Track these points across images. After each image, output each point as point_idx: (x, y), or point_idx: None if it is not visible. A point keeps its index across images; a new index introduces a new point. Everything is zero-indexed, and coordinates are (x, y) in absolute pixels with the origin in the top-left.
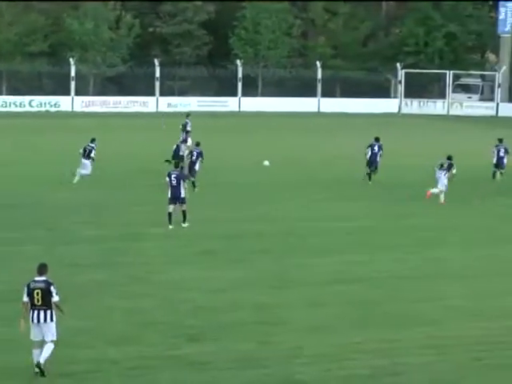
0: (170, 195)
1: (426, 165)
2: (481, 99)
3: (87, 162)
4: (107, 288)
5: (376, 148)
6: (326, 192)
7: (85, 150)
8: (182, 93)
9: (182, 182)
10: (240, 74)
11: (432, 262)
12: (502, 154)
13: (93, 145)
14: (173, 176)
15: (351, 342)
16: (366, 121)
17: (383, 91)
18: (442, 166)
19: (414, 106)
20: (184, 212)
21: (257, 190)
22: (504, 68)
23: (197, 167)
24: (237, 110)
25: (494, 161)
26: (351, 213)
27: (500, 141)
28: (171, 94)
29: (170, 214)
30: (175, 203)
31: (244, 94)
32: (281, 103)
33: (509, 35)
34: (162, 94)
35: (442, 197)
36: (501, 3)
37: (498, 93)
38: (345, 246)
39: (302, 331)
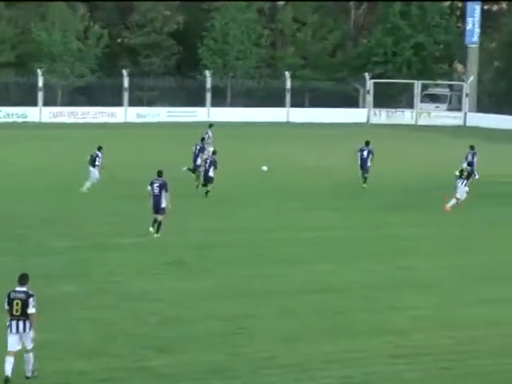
0: (151, 204)
1: (396, 173)
2: (449, 109)
3: (93, 169)
4: (76, 300)
5: (365, 153)
6: (299, 201)
7: (91, 158)
8: (151, 103)
9: (164, 191)
10: (209, 85)
11: (402, 271)
12: (470, 158)
13: (99, 152)
14: (155, 185)
15: (321, 352)
16: (335, 131)
17: (352, 101)
18: (461, 173)
19: (383, 116)
20: (159, 223)
21: (230, 199)
22: (471, 78)
23: (211, 174)
24: (206, 120)
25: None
26: (324, 222)
27: (472, 148)
28: (140, 104)
29: (155, 220)
30: (156, 213)
31: (213, 105)
32: (250, 113)
33: (476, 45)
34: (130, 104)
35: (451, 203)
36: (468, 14)
37: (466, 103)
38: (316, 255)
39: (272, 341)
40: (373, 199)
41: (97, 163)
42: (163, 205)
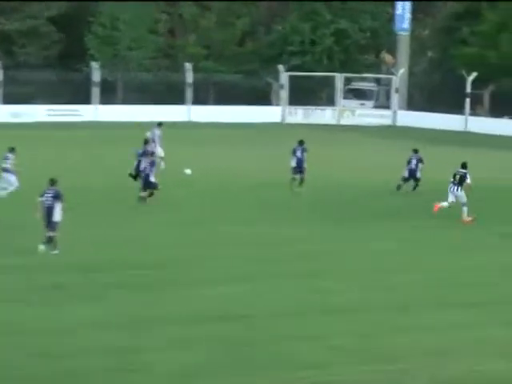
0: (42, 217)
1: (318, 180)
2: (376, 106)
3: (3, 174)
4: None
5: (299, 153)
6: (208, 212)
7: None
8: (28, 100)
9: (57, 202)
10: (96, 78)
11: (318, 294)
12: (413, 165)
13: (9, 154)
14: (47, 195)
15: None
16: (244, 131)
17: (264, 97)
18: (454, 177)
19: (300, 115)
20: (51, 238)
21: (131, 209)
22: (402, 71)
23: (152, 179)
24: (93, 119)
25: (406, 174)
26: (233, 238)
27: (415, 151)
28: (15, 101)
29: (47, 237)
30: (48, 227)
31: (101, 102)
32: (145, 111)
33: (407, 33)
34: (5, 101)
35: (464, 214)
36: None
37: (396, 99)
38: (221, 276)
39: (168, 378)
40: (291, 210)
41: (4, 165)
42: (56, 218)
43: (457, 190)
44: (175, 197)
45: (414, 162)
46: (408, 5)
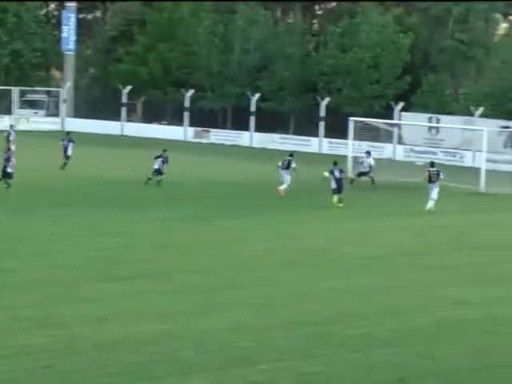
0: None
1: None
2: (47, 114)
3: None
4: None
5: (65, 142)
6: None
7: None
8: None
9: None
10: None
11: (3, 273)
12: (158, 164)
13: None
14: None
15: None
16: None
17: None
18: (283, 163)
19: None
20: None
21: None
22: (68, 84)
23: (9, 169)
24: None
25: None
26: None
27: (162, 154)
28: None
29: None
30: None
31: None
32: None
33: (72, 53)
34: None
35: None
36: (64, 22)
37: (64, 108)
38: None
39: None
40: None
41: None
42: None
43: (286, 172)
44: None
45: (159, 159)
46: (73, 28)
